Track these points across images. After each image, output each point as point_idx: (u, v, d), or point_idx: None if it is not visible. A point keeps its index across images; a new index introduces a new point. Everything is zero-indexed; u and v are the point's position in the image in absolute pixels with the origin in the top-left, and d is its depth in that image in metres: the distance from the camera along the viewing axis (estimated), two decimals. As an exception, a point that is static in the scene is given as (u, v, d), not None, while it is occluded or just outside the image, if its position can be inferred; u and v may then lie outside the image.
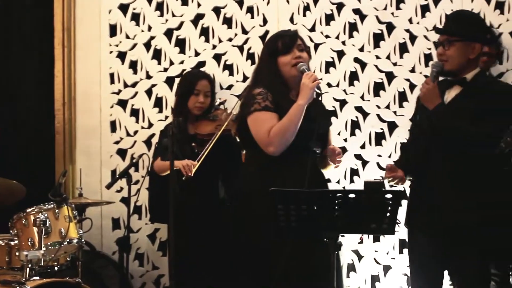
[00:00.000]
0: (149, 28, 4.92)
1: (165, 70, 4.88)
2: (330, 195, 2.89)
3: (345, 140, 4.59)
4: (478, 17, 3.74)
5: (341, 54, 4.63)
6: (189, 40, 4.85)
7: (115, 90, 4.95)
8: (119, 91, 4.95)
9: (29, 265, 3.53)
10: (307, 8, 4.67)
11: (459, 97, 3.47)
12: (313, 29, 4.66)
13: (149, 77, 4.91)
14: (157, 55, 4.90)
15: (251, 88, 3.58)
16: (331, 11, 4.64)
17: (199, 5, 4.84)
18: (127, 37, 4.95)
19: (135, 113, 4.93)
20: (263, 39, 4.61)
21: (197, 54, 4.83)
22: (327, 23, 4.65)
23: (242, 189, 3.57)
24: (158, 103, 4.89)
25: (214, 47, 4.81)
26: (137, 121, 4.92)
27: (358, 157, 4.58)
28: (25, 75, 5.08)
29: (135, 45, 4.93)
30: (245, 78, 4.70)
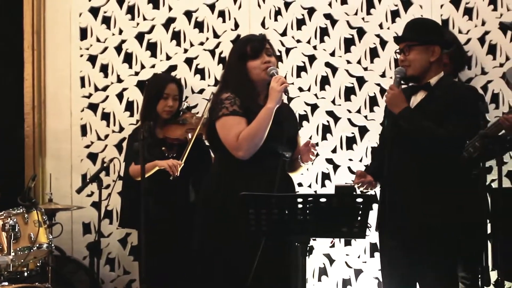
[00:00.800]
0: (120, 31, 4.89)
1: (136, 73, 4.86)
2: (301, 199, 2.89)
3: (317, 144, 4.60)
4: (434, 22, 3.81)
5: (312, 58, 4.65)
6: (160, 44, 4.84)
7: (86, 93, 4.92)
8: (90, 95, 4.92)
9: (-2, 271, 3.50)
10: (278, 12, 4.69)
11: (424, 101, 3.53)
12: (284, 34, 4.67)
13: (120, 80, 4.89)
14: (128, 58, 4.88)
15: (219, 92, 3.58)
16: (303, 15, 4.66)
17: (170, 9, 4.83)
18: (98, 40, 4.92)
19: (106, 117, 4.90)
20: (235, 43, 4.61)
21: (168, 58, 4.82)
22: (299, 27, 4.67)
23: (210, 193, 3.56)
24: (129, 107, 4.87)
25: (185, 51, 4.80)
26: (108, 125, 4.89)
27: (329, 161, 4.60)
28: (-7, 78, 5.03)
29: (106, 49, 4.91)
30: (217, 82, 4.66)
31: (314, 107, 4.63)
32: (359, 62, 4.60)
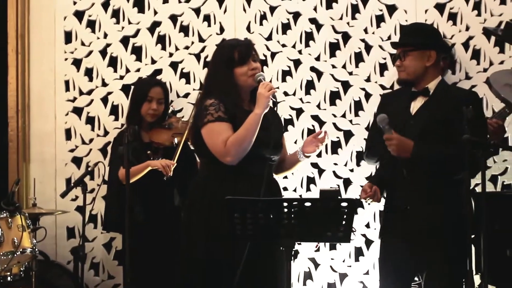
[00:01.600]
0: (105, 35, 4.88)
1: (121, 77, 4.85)
2: (286, 204, 2.90)
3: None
4: (431, 27, 3.84)
5: (297, 63, 4.66)
6: (145, 47, 4.83)
7: (70, 97, 4.90)
8: (75, 99, 4.90)
9: (-19, 276, 3.47)
10: (263, 17, 4.70)
11: (424, 107, 3.53)
12: (269, 38, 4.68)
13: (105, 84, 4.87)
14: (113, 62, 4.87)
15: (203, 98, 3.55)
16: (288, 20, 4.67)
17: (155, 12, 4.83)
18: (83, 44, 4.90)
19: (90, 120, 4.88)
20: (218, 48, 4.60)
21: (153, 62, 4.81)
22: (284, 32, 4.68)
23: (196, 197, 3.55)
24: (114, 111, 4.85)
25: (170, 55, 4.80)
26: (92, 129, 4.87)
27: (314, 165, 4.61)
28: (-23, 82, 5.00)
29: (90, 52, 4.89)
30: (202, 86, 4.69)
31: (299, 112, 4.64)
32: (344, 66, 4.62)
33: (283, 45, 4.67)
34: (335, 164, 4.60)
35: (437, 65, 3.60)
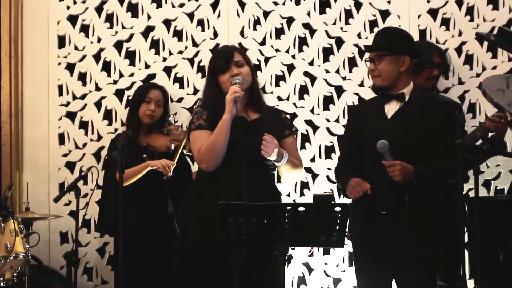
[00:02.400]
0: (99, 39, 4.88)
1: (115, 82, 4.85)
2: (280, 208, 2.90)
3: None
4: (405, 32, 3.81)
5: (291, 68, 4.67)
6: (139, 52, 4.83)
7: (64, 102, 4.89)
8: (68, 103, 4.89)
9: (-27, 281, 3.46)
10: (257, 22, 4.70)
11: (400, 112, 3.52)
12: (263, 43, 4.69)
13: (98, 89, 4.87)
14: (107, 67, 4.86)
15: (196, 107, 3.67)
16: (281, 25, 4.68)
17: (149, 17, 4.83)
18: (76, 48, 4.90)
19: (84, 125, 4.88)
20: (214, 52, 4.62)
21: (147, 66, 4.81)
22: (277, 37, 4.69)
23: (188, 202, 3.63)
24: (107, 115, 4.85)
25: (164, 59, 4.80)
26: (86, 134, 4.87)
27: (308, 170, 4.61)
28: (-30, 86, 4.99)
29: (84, 57, 4.89)
30: (196, 91, 4.70)
31: (293, 116, 4.64)
32: (338, 71, 4.63)
33: (277, 50, 4.68)
34: (329, 169, 4.60)
35: (409, 70, 3.60)
